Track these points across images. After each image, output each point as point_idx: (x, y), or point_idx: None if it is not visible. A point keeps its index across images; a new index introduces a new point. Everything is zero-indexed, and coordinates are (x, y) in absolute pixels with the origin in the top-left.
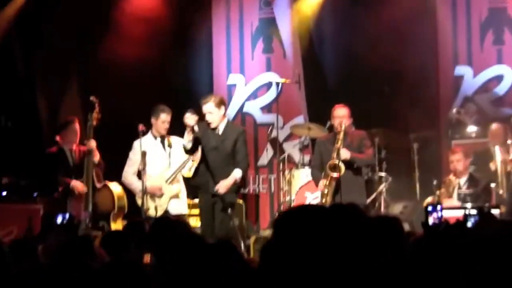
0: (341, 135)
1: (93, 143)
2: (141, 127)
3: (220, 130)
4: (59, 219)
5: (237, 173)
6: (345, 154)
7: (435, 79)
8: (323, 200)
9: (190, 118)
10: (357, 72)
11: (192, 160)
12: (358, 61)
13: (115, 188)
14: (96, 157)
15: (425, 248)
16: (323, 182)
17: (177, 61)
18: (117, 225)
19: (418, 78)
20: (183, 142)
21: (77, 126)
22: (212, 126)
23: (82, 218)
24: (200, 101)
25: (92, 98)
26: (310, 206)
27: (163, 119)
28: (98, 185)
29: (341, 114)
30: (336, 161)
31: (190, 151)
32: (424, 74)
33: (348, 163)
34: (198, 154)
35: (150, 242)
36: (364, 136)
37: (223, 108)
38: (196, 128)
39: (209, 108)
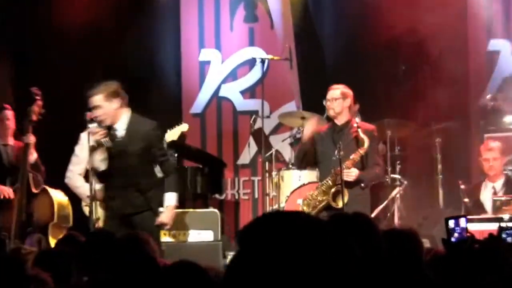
0: (365, 146)
1: (31, 138)
2: (89, 115)
3: (121, 130)
4: None
5: (172, 200)
6: (352, 173)
7: (464, 55)
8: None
9: (94, 132)
10: (365, 46)
11: None
12: (365, 32)
13: (56, 194)
14: (33, 156)
15: (446, 269)
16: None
17: (136, 33)
18: (56, 240)
19: (443, 53)
20: (95, 165)
21: (9, 114)
22: (105, 124)
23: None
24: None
25: (33, 89)
26: (288, 213)
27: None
28: (35, 190)
29: (329, 97)
30: (340, 189)
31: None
32: (450, 48)
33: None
34: None
35: (83, 262)
36: (373, 132)
37: (116, 100)
38: (104, 140)
39: (97, 101)
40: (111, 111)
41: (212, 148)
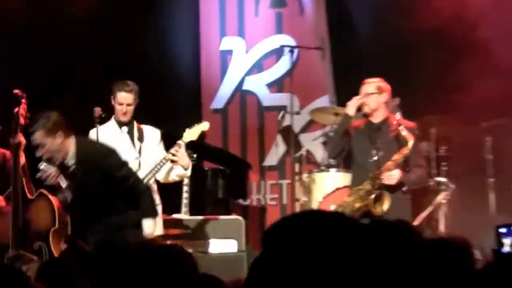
0: (409, 145)
1: (21, 138)
2: (97, 111)
3: (72, 162)
4: None
5: (148, 227)
6: (394, 176)
7: None
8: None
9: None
10: (405, 35)
11: (172, 162)
12: (406, 19)
13: (54, 197)
14: (22, 158)
15: (495, 283)
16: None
17: (149, 19)
18: (60, 246)
19: (493, 41)
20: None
21: None
22: (56, 161)
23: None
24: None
25: (16, 92)
26: (320, 213)
27: (120, 99)
28: (30, 196)
29: (363, 91)
30: (381, 192)
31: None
32: (501, 35)
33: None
34: (183, 157)
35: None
36: (412, 131)
37: (59, 134)
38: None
39: (38, 139)
40: (56, 146)
41: (235, 147)
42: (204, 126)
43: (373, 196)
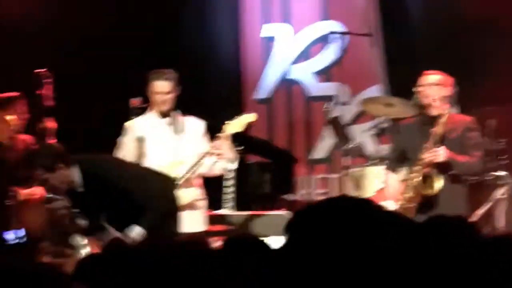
0: (439, 128)
1: (50, 123)
2: (134, 102)
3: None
4: (9, 237)
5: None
6: (439, 152)
7: None
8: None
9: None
10: (463, 19)
11: (217, 155)
12: (464, 2)
13: None
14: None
15: None
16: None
17: (188, 6)
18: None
19: None
20: None
21: (23, 106)
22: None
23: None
24: None
25: (39, 71)
26: (354, 200)
27: (156, 88)
28: None
29: (425, 82)
30: (430, 170)
31: None
32: None
33: (444, 167)
34: (227, 150)
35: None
36: (470, 125)
37: (59, 167)
38: None
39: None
40: (60, 179)
41: (281, 140)
42: (251, 117)
43: (421, 177)
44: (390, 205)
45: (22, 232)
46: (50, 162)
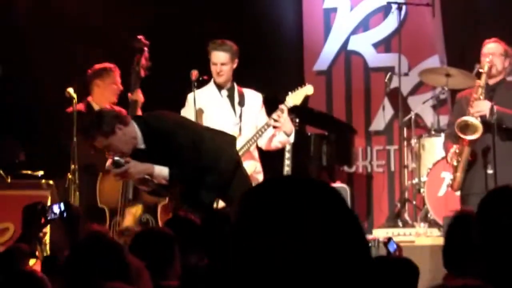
0: (482, 80)
1: (140, 95)
2: (194, 73)
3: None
4: (54, 209)
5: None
6: (483, 106)
7: None
8: (452, 178)
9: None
10: None
11: (274, 127)
12: None
13: None
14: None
15: None
16: (452, 150)
17: None
18: None
19: None
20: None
21: (118, 76)
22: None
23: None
24: None
25: (139, 37)
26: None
27: (214, 58)
28: None
29: (491, 51)
30: (468, 118)
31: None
32: None
33: (496, 123)
34: (286, 123)
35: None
36: None
37: (118, 127)
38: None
39: (102, 144)
40: (121, 140)
41: (339, 111)
42: (309, 89)
43: (461, 124)
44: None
45: (62, 206)
46: (109, 126)
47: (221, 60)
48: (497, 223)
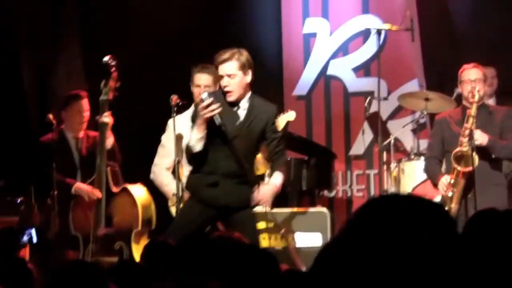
0: (473, 109)
1: (109, 117)
2: (174, 98)
3: (242, 110)
4: (26, 235)
5: (278, 179)
6: (481, 137)
7: None
8: (447, 208)
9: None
10: (503, 11)
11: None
12: None
13: (139, 193)
14: (109, 140)
15: None
16: (446, 180)
17: (228, 2)
18: (140, 247)
19: None
20: (189, 141)
21: (85, 104)
22: (231, 98)
23: (100, 234)
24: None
25: (107, 58)
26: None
27: (197, 81)
28: (115, 189)
29: (472, 78)
30: (466, 149)
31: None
32: None
33: (484, 152)
34: None
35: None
36: (509, 112)
37: (250, 73)
38: (216, 117)
39: (231, 69)
40: (243, 84)
41: (319, 136)
42: (291, 115)
43: (457, 155)
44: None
45: (32, 232)
46: (248, 62)
47: (205, 82)
48: (481, 246)
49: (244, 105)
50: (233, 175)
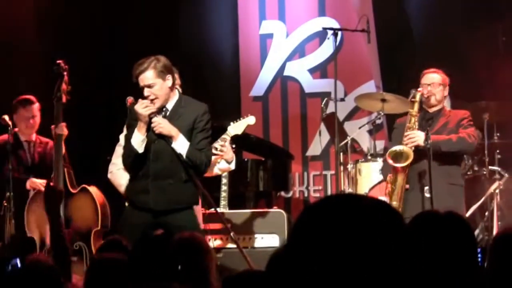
0: (414, 109)
1: (65, 129)
2: (130, 100)
3: (169, 111)
4: (12, 264)
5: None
6: (417, 136)
7: None
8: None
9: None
10: (458, 15)
11: (214, 155)
12: None
13: (97, 193)
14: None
15: None
16: (389, 178)
17: (185, 2)
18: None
19: None
20: (131, 145)
21: (34, 109)
22: (157, 105)
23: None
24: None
25: (59, 62)
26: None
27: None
28: (72, 190)
29: (428, 82)
30: (399, 148)
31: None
32: None
33: (436, 153)
34: (228, 151)
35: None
36: (465, 116)
37: (170, 77)
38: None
39: (149, 78)
40: (164, 89)
41: (276, 137)
42: (251, 120)
43: (395, 152)
44: (385, 200)
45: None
46: (165, 68)
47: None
48: (420, 248)
49: (170, 106)
50: (165, 176)
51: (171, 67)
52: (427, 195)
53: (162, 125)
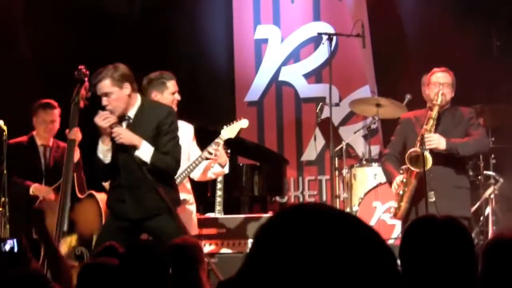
0: (434, 112)
1: (78, 134)
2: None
3: (131, 118)
4: (5, 247)
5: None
6: (438, 141)
7: None
8: (396, 206)
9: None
10: (451, 19)
11: (207, 159)
12: (452, 2)
13: (103, 199)
14: (77, 154)
15: None
16: (399, 179)
17: (180, 8)
18: None
19: None
20: (98, 154)
21: (54, 114)
22: (116, 113)
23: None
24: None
25: (80, 68)
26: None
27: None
28: (80, 195)
29: (441, 81)
30: (419, 149)
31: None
32: None
33: (446, 155)
34: (221, 155)
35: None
36: (472, 114)
37: (127, 85)
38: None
39: (106, 87)
40: (122, 98)
41: (271, 142)
42: (244, 123)
43: (411, 155)
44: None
45: (14, 243)
46: (121, 77)
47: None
48: (418, 253)
49: (132, 114)
50: (138, 184)
51: (130, 75)
52: (431, 199)
53: (122, 135)
